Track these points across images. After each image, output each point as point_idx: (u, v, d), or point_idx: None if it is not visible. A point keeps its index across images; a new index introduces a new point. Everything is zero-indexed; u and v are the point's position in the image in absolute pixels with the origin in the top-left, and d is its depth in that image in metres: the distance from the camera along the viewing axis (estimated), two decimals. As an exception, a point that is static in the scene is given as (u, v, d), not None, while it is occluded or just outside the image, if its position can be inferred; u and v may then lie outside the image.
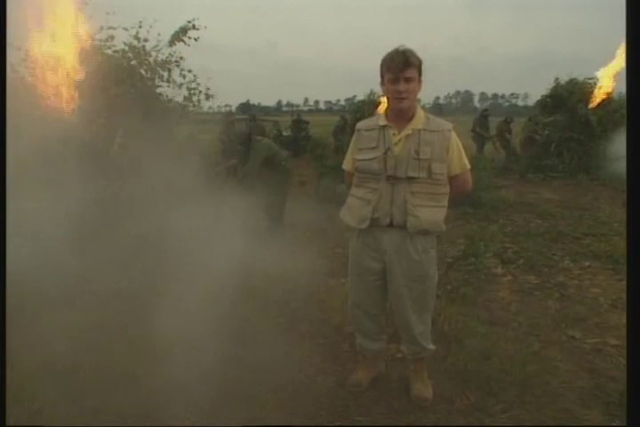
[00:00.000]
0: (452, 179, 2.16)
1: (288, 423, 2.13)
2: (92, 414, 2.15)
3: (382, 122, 2.15)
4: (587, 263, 4.40)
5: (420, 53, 2.06)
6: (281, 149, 5.30)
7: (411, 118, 2.12)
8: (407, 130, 2.10)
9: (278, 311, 3.24)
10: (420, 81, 2.10)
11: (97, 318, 3.04)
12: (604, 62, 9.69)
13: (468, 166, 2.19)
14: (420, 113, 2.14)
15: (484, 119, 11.82)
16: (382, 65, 2.10)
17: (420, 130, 2.09)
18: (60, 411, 2.16)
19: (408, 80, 2.04)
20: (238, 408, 2.21)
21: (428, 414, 2.20)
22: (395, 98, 2.08)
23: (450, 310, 3.22)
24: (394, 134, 2.12)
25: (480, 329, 2.99)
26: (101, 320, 3.01)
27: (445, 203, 2.17)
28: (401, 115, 2.12)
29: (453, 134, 2.13)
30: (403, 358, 2.50)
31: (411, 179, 2.08)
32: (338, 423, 2.15)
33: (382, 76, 2.11)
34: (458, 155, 2.14)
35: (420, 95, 2.16)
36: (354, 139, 2.28)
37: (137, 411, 2.17)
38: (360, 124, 2.28)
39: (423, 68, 2.08)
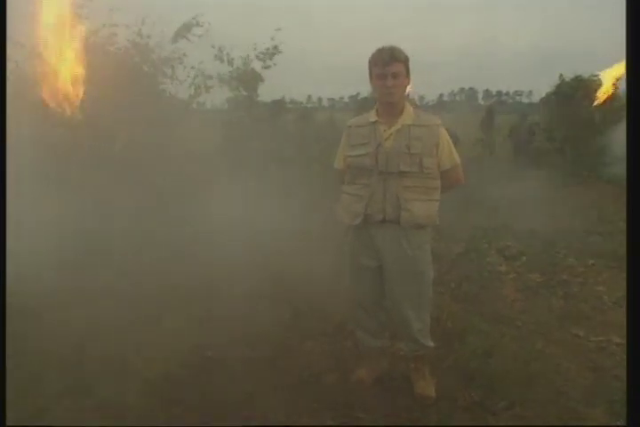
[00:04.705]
0: (443, 173, 2.19)
1: (291, 421, 2.13)
2: (94, 411, 2.16)
3: (372, 118, 2.20)
4: (591, 261, 4.38)
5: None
6: None
7: (400, 113, 2.16)
8: (397, 125, 2.14)
9: (282, 308, 3.24)
10: (407, 77, 2.15)
11: (100, 316, 3.05)
12: (610, 59, 9.63)
13: (458, 161, 2.23)
14: (409, 108, 2.19)
15: (489, 116, 11.58)
16: (370, 62, 2.15)
17: (409, 125, 2.14)
18: (63, 408, 2.18)
19: (395, 75, 2.09)
20: (241, 405, 2.22)
21: (431, 411, 2.20)
22: (383, 93, 2.13)
23: (453, 308, 3.22)
24: (384, 130, 2.15)
25: (483, 327, 2.99)
26: (104, 318, 3.02)
27: (438, 197, 2.20)
28: (390, 110, 2.17)
29: (442, 129, 2.17)
30: (406, 356, 2.50)
31: (402, 173, 2.11)
32: (341, 421, 2.15)
33: (370, 73, 2.17)
34: (448, 150, 2.18)
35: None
36: (344, 136, 2.31)
37: (139, 409, 2.18)
38: (351, 121, 2.32)
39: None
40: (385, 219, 2.14)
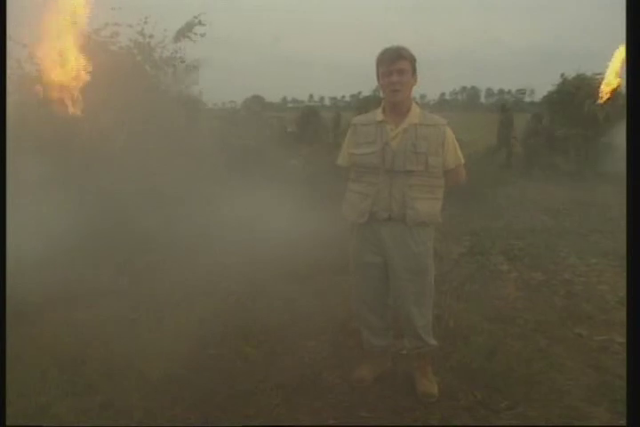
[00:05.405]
0: (446, 172, 2.21)
1: (293, 419, 2.14)
2: (97, 410, 2.16)
3: (379, 117, 2.20)
4: (593, 260, 4.37)
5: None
6: None
7: (406, 113, 2.17)
8: (404, 124, 2.15)
9: (283, 307, 3.25)
10: (414, 76, 2.16)
11: (103, 314, 3.06)
12: (612, 58, 9.61)
13: (462, 160, 2.25)
14: (416, 108, 2.19)
15: (506, 114, 11.06)
16: (377, 61, 2.17)
17: (416, 124, 2.15)
18: (65, 406, 2.18)
19: (400, 72, 2.09)
20: (243, 403, 2.22)
21: (434, 410, 2.20)
22: (389, 91, 2.13)
23: (455, 307, 3.22)
24: (391, 129, 2.16)
25: (486, 326, 2.98)
26: (107, 316, 3.03)
27: (441, 195, 2.23)
28: (397, 109, 2.17)
29: (448, 129, 2.19)
30: (408, 355, 2.50)
31: (408, 172, 2.12)
32: (343, 420, 2.15)
33: (378, 73, 2.18)
34: (453, 149, 2.19)
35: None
36: (349, 133, 2.32)
37: (141, 407, 2.18)
38: (356, 119, 2.33)
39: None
40: (390, 217, 2.16)
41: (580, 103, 9.76)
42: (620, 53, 9.21)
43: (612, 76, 9.65)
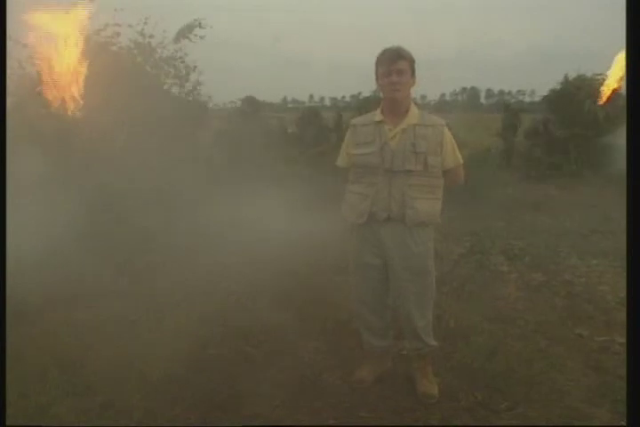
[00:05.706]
0: (445, 172, 2.22)
1: (293, 419, 2.13)
2: (97, 410, 2.16)
3: (378, 117, 2.21)
4: (594, 261, 4.36)
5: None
6: None
7: (405, 113, 2.18)
8: (402, 124, 2.16)
9: (284, 307, 3.24)
10: (413, 76, 2.18)
11: (103, 315, 3.05)
12: (611, 59, 9.60)
13: (461, 161, 2.25)
14: (414, 109, 2.20)
15: (511, 115, 10.90)
16: (376, 62, 2.18)
17: (414, 125, 2.15)
18: (65, 406, 2.18)
19: (400, 72, 2.11)
20: (243, 403, 2.22)
21: (434, 411, 2.20)
22: (388, 91, 2.15)
23: (456, 308, 3.21)
24: (390, 129, 2.17)
25: (486, 326, 2.98)
26: (107, 316, 3.03)
27: (440, 195, 2.23)
28: (395, 109, 2.18)
29: (446, 130, 2.20)
30: (408, 355, 2.50)
31: (408, 172, 2.13)
32: (343, 420, 2.15)
33: (377, 73, 2.20)
34: (451, 149, 2.20)
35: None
36: (348, 134, 2.32)
37: (141, 407, 2.18)
38: (355, 120, 2.34)
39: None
40: (390, 217, 2.16)
41: (581, 103, 9.75)
42: (621, 58, 9.19)
43: (613, 79, 9.63)
